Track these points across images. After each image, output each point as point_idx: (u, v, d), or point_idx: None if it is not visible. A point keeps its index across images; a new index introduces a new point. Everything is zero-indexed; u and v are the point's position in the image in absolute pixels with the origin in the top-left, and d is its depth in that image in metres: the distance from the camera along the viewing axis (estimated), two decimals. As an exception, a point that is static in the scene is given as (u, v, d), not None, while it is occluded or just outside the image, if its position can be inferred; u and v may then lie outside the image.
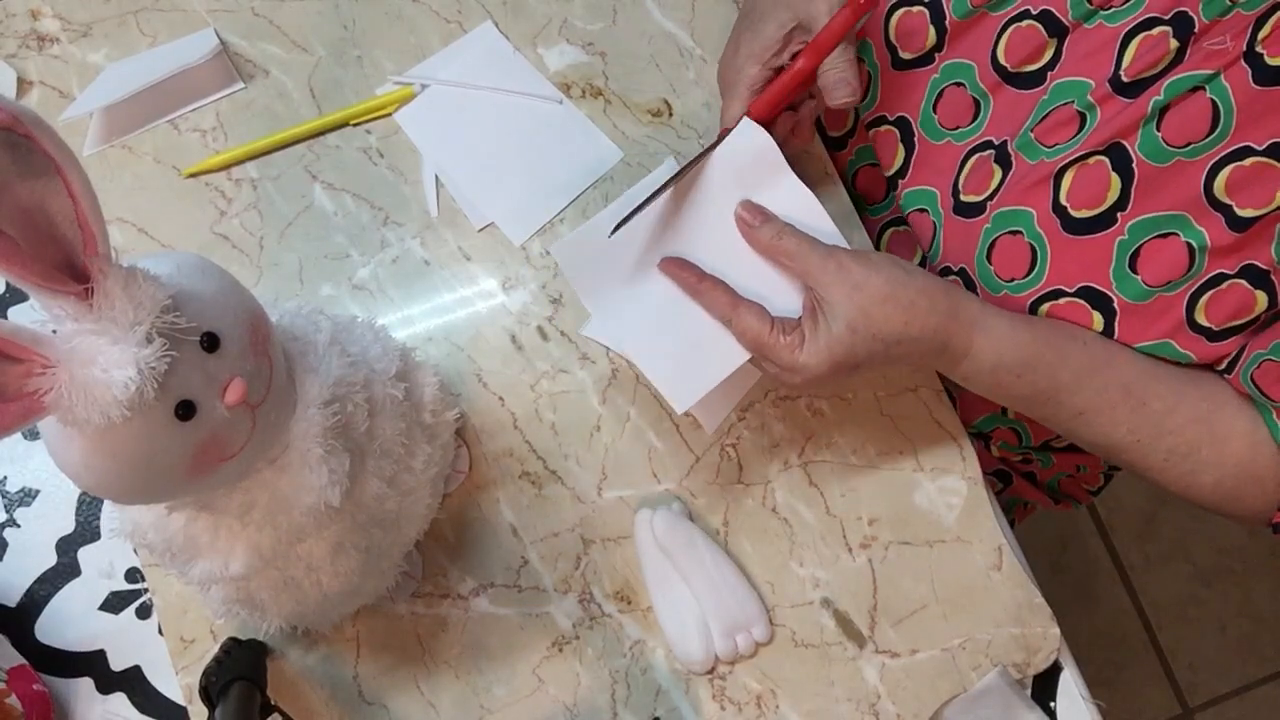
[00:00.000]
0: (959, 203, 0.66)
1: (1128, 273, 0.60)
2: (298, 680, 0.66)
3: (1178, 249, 0.58)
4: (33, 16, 0.78)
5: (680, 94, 0.76)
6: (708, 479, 0.69)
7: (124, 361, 0.39)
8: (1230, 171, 0.56)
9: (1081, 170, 0.60)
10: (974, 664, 0.66)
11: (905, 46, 0.68)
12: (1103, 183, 0.59)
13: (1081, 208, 0.60)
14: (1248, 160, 0.55)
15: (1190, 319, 0.60)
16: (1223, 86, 0.55)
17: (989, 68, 0.64)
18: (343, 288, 0.72)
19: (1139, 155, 0.58)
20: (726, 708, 0.65)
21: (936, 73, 0.67)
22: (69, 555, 0.69)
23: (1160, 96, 0.57)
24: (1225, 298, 0.59)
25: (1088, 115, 0.60)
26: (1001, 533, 0.68)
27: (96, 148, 0.75)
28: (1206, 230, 0.57)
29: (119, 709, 0.66)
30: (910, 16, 0.67)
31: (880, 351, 0.58)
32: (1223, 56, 0.55)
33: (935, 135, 0.68)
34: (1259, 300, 0.58)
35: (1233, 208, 0.56)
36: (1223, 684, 1.57)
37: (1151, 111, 0.57)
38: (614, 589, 0.67)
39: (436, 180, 0.74)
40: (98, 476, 0.43)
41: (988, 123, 0.65)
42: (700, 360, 0.62)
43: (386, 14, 0.77)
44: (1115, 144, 0.59)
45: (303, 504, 0.49)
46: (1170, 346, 0.61)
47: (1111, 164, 0.59)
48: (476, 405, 0.70)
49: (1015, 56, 0.63)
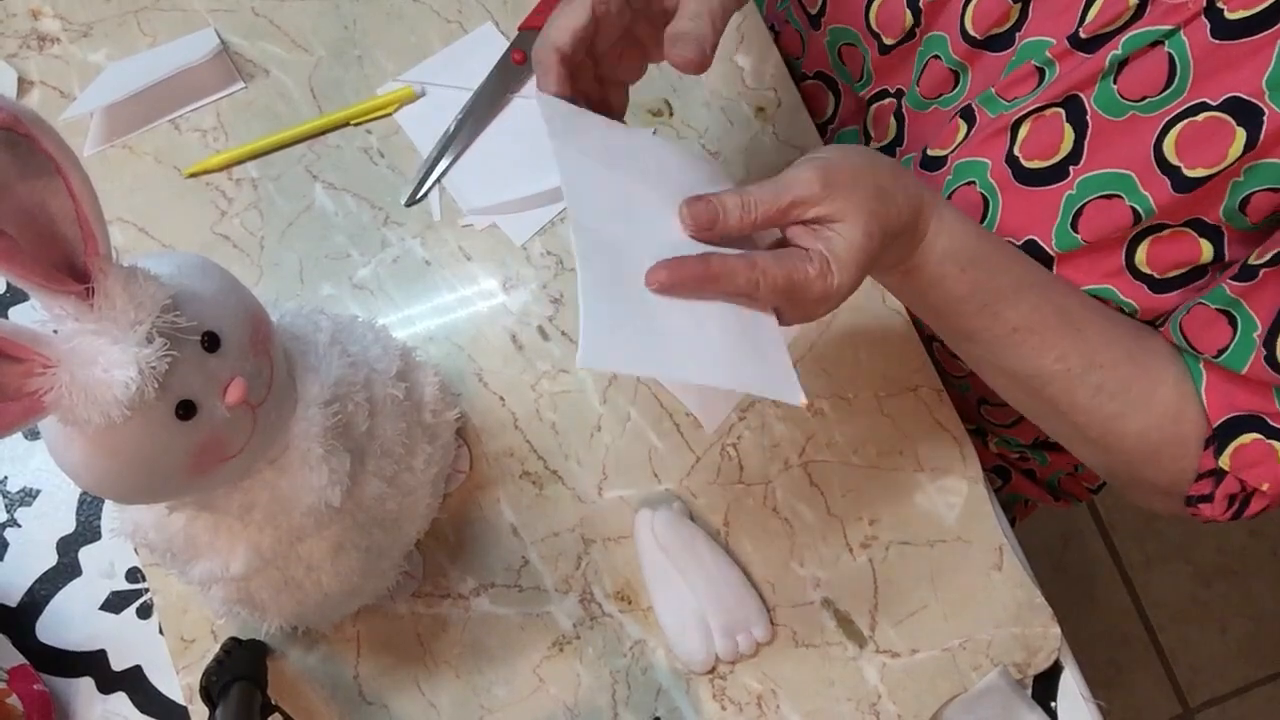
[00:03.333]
0: (925, 157, 0.66)
1: (1069, 231, 0.59)
2: (298, 680, 0.66)
3: (1122, 211, 0.57)
4: (33, 16, 0.78)
5: (680, 94, 0.75)
6: (708, 479, 0.69)
7: (124, 361, 0.39)
8: (1182, 128, 0.55)
9: (1037, 121, 0.60)
10: (974, 664, 0.66)
11: (887, 33, 0.68)
12: (1056, 134, 0.59)
13: (1034, 158, 0.60)
14: (1201, 116, 0.55)
15: (1130, 264, 0.59)
16: (1181, 41, 0.55)
17: (959, 39, 0.64)
18: (343, 287, 0.72)
19: (1094, 108, 0.58)
20: (727, 708, 0.65)
21: (921, 45, 0.67)
22: (70, 555, 0.69)
23: (1119, 51, 0.57)
24: (1167, 244, 0.58)
25: (1046, 70, 0.60)
26: (1002, 532, 0.68)
27: (97, 148, 0.75)
28: (1152, 195, 0.57)
29: (119, 709, 0.66)
30: (888, 3, 0.67)
31: (888, 244, 0.53)
32: (1183, 12, 0.54)
33: (920, 105, 0.68)
34: (1204, 249, 0.57)
35: (1180, 169, 0.56)
36: (1223, 684, 1.57)
37: (1109, 66, 0.57)
38: (614, 589, 0.67)
39: (438, 180, 0.74)
40: (98, 476, 0.43)
41: (969, 88, 0.65)
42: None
43: (387, 14, 0.77)
44: (1072, 96, 0.59)
45: (303, 504, 0.49)
46: (1112, 291, 0.60)
47: (1066, 115, 0.59)
48: (477, 405, 0.70)
49: (981, 25, 0.63)
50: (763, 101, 0.75)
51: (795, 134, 0.74)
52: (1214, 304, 0.57)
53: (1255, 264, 0.55)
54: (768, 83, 0.75)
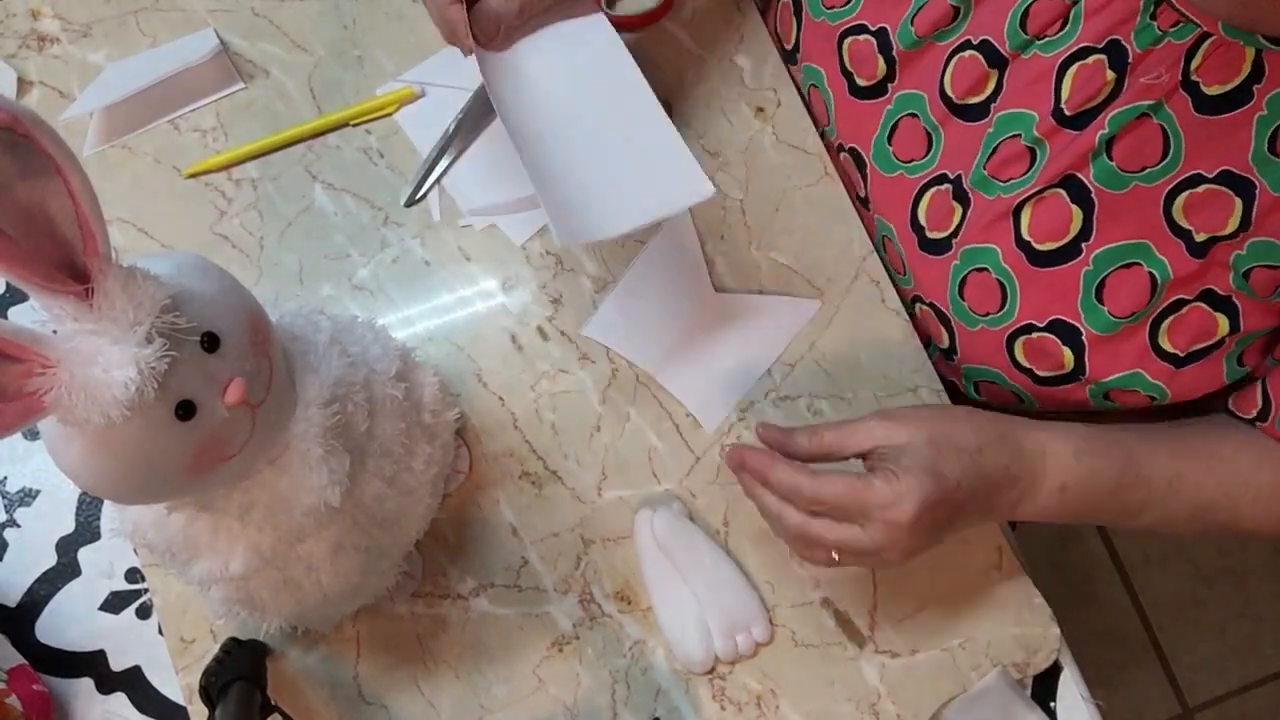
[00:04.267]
0: (924, 239, 0.66)
1: (1095, 304, 0.60)
2: (298, 680, 0.66)
3: (1140, 279, 0.58)
4: (33, 16, 0.78)
5: (680, 94, 0.75)
6: (708, 479, 0.69)
7: (124, 361, 0.39)
8: (1186, 198, 0.56)
9: (1039, 204, 0.60)
10: (974, 664, 0.66)
11: (859, 73, 0.68)
12: (1063, 214, 0.60)
13: (1045, 240, 0.61)
14: (1200, 188, 0.56)
15: (1155, 344, 0.60)
16: (1168, 113, 0.56)
17: (938, 99, 0.64)
18: (343, 288, 0.72)
19: (1096, 185, 0.59)
20: (726, 708, 0.65)
21: (890, 103, 0.67)
22: (69, 555, 0.69)
23: (1106, 130, 0.57)
24: (1186, 321, 0.59)
25: (1037, 150, 0.60)
26: (1002, 532, 0.68)
27: (96, 148, 0.75)
28: (1168, 260, 0.58)
29: (119, 709, 0.66)
30: (859, 44, 0.67)
31: (970, 466, 0.55)
32: (1160, 88, 0.56)
33: (888, 168, 0.68)
34: (1220, 324, 0.58)
35: (1192, 233, 0.57)
36: (1223, 684, 1.57)
37: (1099, 144, 0.58)
38: (614, 589, 0.67)
39: (437, 180, 0.74)
40: (98, 476, 0.43)
41: (940, 156, 0.65)
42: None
43: (386, 14, 0.77)
44: (1070, 176, 0.59)
45: (303, 504, 0.49)
46: (1142, 377, 0.61)
47: (1069, 196, 0.59)
48: (476, 405, 0.70)
49: (960, 88, 0.63)
50: (762, 102, 0.75)
51: (795, 134, 0.74)
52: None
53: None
54: (768, 83, 0.75)
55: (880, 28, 0.66)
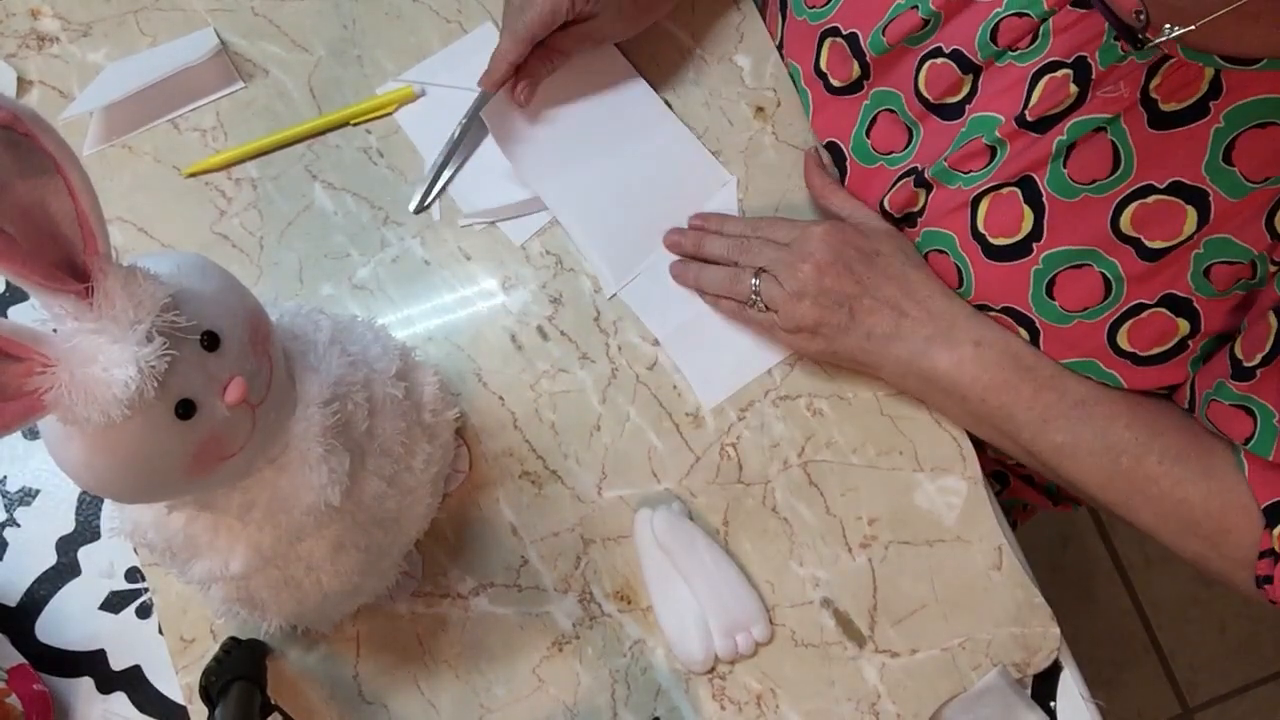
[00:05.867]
0: (893, 221, 0.68)
1: (1045, 299, 0.61)
2: (298, 680, 0.66)
3: (1093, 278, 0.60)
4: (33, 16, 0.78)
5: (680, 94, 0.76)
6: (708, 479, 0.69)
7: (124, 360, 0.39)
8: (1135, 209, 0.57)
9: (996, 199, 0.62)
10: (974, 664, 0.66)
11: (834, 75, 0.69)
12: (1016, 213, 0.61)
13: (999, 235, 0.62)
14: (1150, 198, 0.57)
15: (1112, 344, 0.61)
16: (1121, 129, 0.57)
17: (914, 98, 0.66)
18: (343, 287, 0.72)
19: (1048, 190, 0.60)
20: (726, 707, 0.65)
21: (867, 99, 0.68)
22: (69, 555, 0.69)
23: (1064, 136, 0.58)
24: (1146, 326, 0.60)
25: (998, 149, 0.61)
26: (1001, 532, 0.68)
27: (96, 147, 0.75)
28: (1119, 261, 0.59)
29: (119, 709, 0.66)
30: (835, 47, 0.68)
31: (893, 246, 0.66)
32: (1119, 103, 0.56)
33: (868, 159, 0.69)
34: (1180, 327, 0.59)
35: (1141, 240, 0.58)
36: (1223, 684, 1.57)
37: (1057, 150, 0.59)
38: (614, 589, 0.67)
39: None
40: (98, 476, 0.43)
41: (918, 150, 0.66)
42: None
43: (386, 14, 0.77)
44: (1026, 177, 0.60)
45: (303, 503, 0.49)
46: (1095, 365, 0.62)
47: (1023, 196, 0.61)
48: (476, 405, 0.70)
49: (935, 90, 0.64)
50: (762, 101, 0.75)
51: (795, 134, 0.74)
52: (1227, 401, 0.58)
53: (1250, 366, 0.57)
54: (767, 83, 0.75)
55: (851, 32, 0.67)
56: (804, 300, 0.65)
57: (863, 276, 0.65)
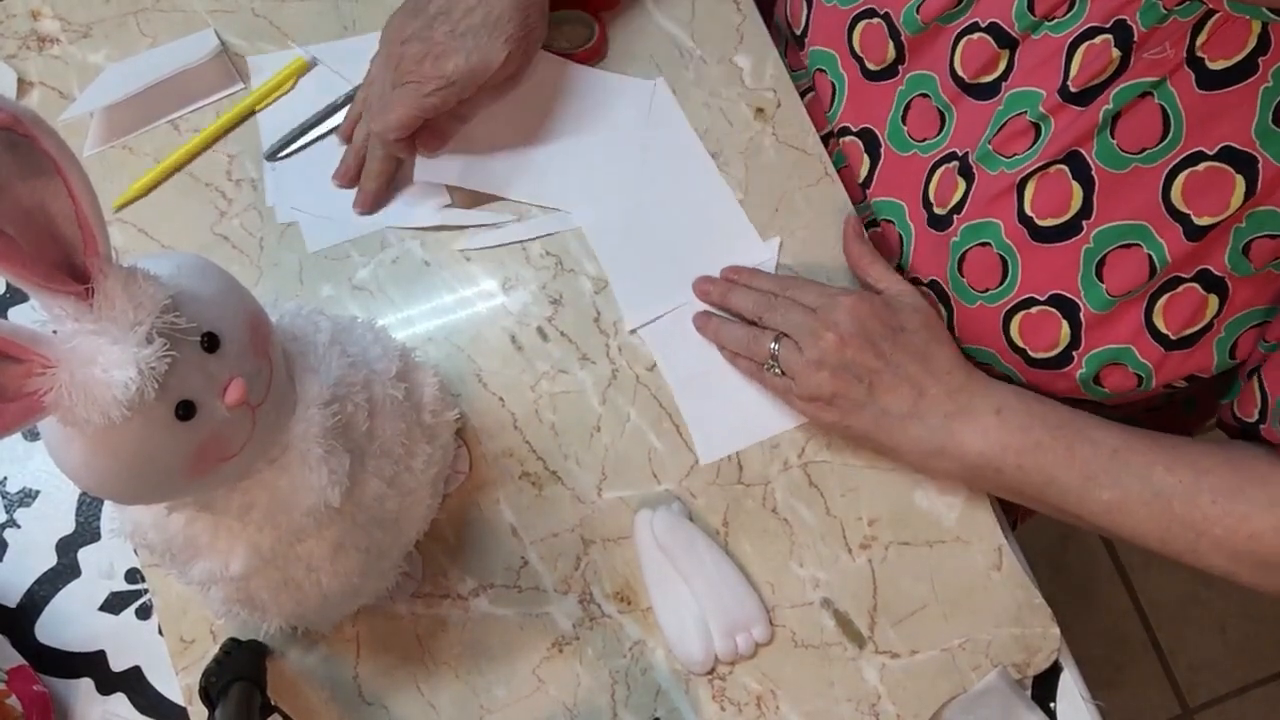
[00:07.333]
0: (932, 215, 0.67)
1: (1094, 280, 0.60)
2: (298, 680, 0.66)
3: (1140, 260, 0.59)
4: (33, 17, 0.78)
5: (680, 94, 0.76)
6: (708, 479, 0.69)
7: (124, 361, 0.39)
8: (1185, 178, 0.56)
9: (1043, 179, 0.61)
10: (974, 664, 0.66)
11: (869, 57, 0.69)
12: (1065, 191, 0.60)
13: (1047, 216, 0.61)
14: (1201, 165, 0.56)
15: (1149, 322, 0.60)
16: (1169, 92, 0.56)
17: (949, 79, 0.65)
18: (343, 288, 0.72)
19: (1097, 163, 0.59)
20: (726, 708, 0.65)
21: (902, 84, 0.68)
22: (69, 556, 0.69)
23: (1110, 105, 0.58)
24: (1180, 302, 0.59)
25: (1042, 126, 0.60)
26: (1001, 533, 0.68)
27: (97, 148, 0.75)
28: (1166, 243, 0.58)
29: (119, 709, 0.66)
30: (870, 29, 0.68)
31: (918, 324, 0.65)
32: (1165, 64, 0.56)
33: (903, 147, 0.68)
34: (1210, 304, 0.58)
35: (1190, 217, 0.57)
36: (1223, 684, 1.57)
37: (1104, 120, 0.58)
38: (614, 589, 0.67)
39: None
40: (98, 476, 0.43)
41: (952, 134, 0.66)
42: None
43: (386, 14, 0.77)
44: (1073, 152, 0.59)
45: (303, 504, 0.49)
46: (1131, 353, 0.61)
47: (1071, 173, 0.60)
48: (476, 405, 0.70)
49: (971, 68, 0.64)
50: (762, 102, 0.75)
51: (795, 135, 0.74)
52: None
53: None
54: (767, 83, 0.75)
55: (886, 12, 0.66)
56: (823, 370, 0.63)
57: (885, 351, 0.63)
